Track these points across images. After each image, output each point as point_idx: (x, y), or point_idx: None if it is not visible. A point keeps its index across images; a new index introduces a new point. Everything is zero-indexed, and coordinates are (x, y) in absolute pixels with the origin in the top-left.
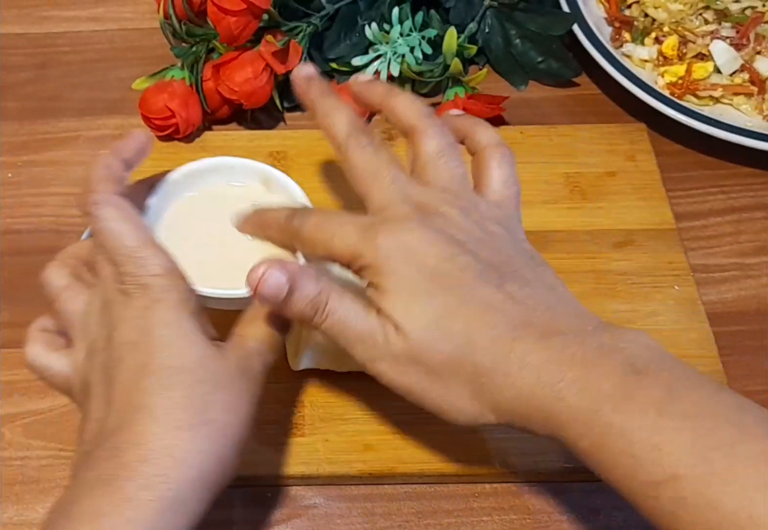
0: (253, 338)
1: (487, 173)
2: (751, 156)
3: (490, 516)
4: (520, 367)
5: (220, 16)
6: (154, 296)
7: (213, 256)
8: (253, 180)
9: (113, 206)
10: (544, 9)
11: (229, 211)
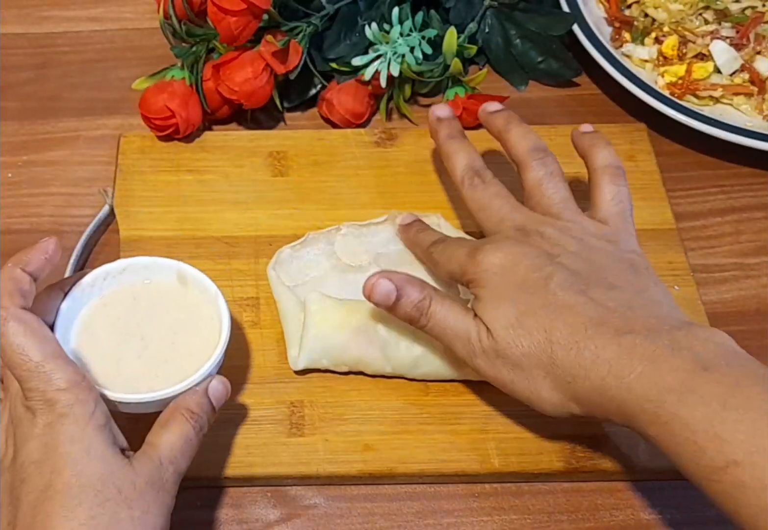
0: (165, 446)
1: (597, 191)
2: (751, 156)
3: (490, 516)
4: (593, 361)
5: (220, 16)
6: (58, 411)
7: (130, 355)
8: (167, 277)
9: (16, 320)
10: (544, 9)
11: (145, 308)
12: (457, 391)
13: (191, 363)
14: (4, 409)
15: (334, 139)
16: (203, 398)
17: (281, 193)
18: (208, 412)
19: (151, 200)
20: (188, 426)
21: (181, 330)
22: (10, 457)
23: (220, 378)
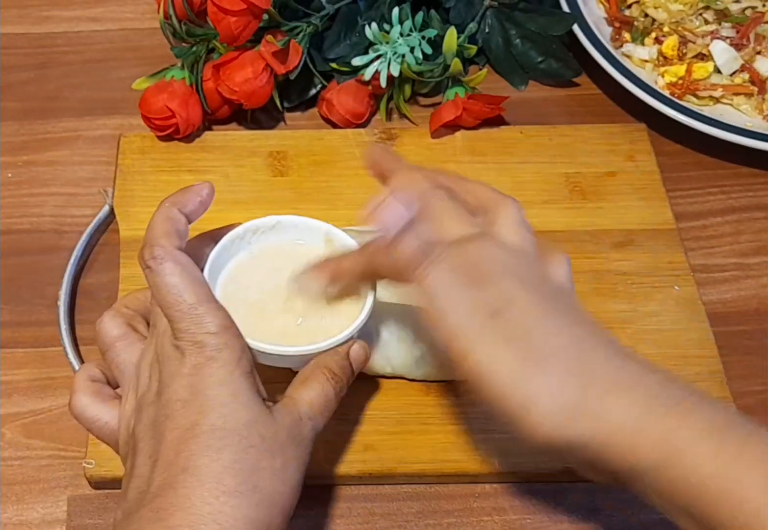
0: (305, 402)
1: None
2: (751, 156)
3: (490, 516)
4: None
5: (220, 16)
6: (207, 354)
7: (272, 312)
8: (315, 239)
9: (173, 261)
10: (544, 9)
11: (290, 268)
12: (458, 391)
13: (335, 323)
14: (150, 344)
15: (334, 139)
16: (344, 360)
17: (281, 193)
18: (348, 374)
19: (151, 200)
20: (329, 385)
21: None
22: (154, 392)
23: (361, 343)
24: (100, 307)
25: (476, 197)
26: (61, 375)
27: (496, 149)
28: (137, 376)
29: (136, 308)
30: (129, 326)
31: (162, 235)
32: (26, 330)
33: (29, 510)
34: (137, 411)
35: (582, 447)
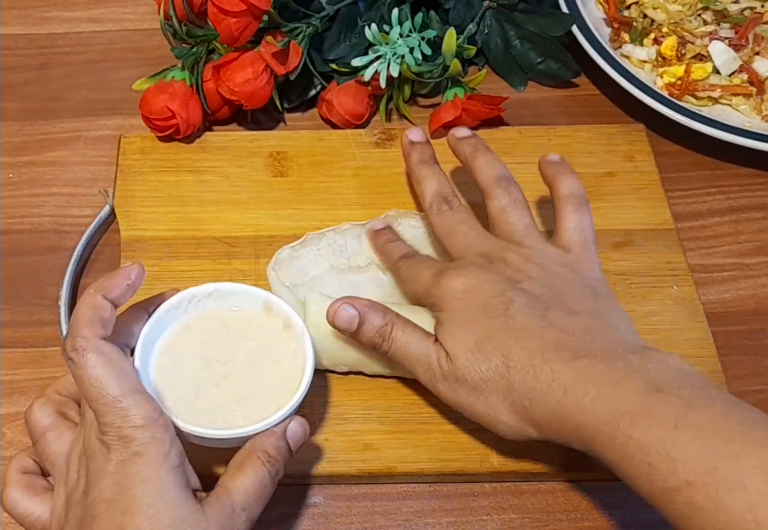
0: (239, 491)
1: (561, 219)
2: (750, 156)
3: (489, 515)
4: (549, 385)
5: (221, 17)
6: (133, 449)
7: (209, 383)
8: (254, 306)
9: (95, 351)
10: (543, 10)
11: (230, 336)
12: None
13: (270, 400)
14: (78, 437)
15: (333, 139)
16: (281, 440)
17: (281, 193)
18: (285, 455)
19: (151, 201)
20: (264, 471)
21: (262, 362)
22: (81, 490)
23: (299, 420)
24: None
25: (479, 186)
26: (61, 375)
27: (496, 149)
28: (67, 469)
29: (68, 393)
30: (59, 414)
31: (85, 324)
32: (26, 330)
33: None
34: (65, 508)
35: (542, 439)
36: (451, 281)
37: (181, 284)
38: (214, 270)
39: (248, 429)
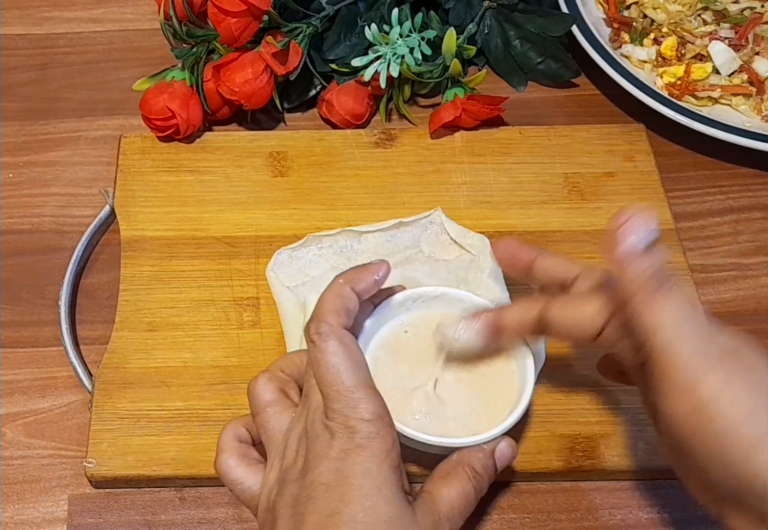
0: (445, 501)
1: None
2: (750, 156)
3: (489, 515)
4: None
5: (221, 17)
6: (358, 441)
7: (424, 387)
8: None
9: (337, 339)
10: (543, 10)
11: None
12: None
13: (484, 415)
14: (300, 417)
15: (333, 139)
16: (489, 459)
17: (281, 193)
18: (491, 474)
19: (151, 201)
20: (470, 486)
21: (481, 375)
22: (299, 469)
23: (509, 441)
24: (100, 307)
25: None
26: (61, 375)
27: (495, 149)
28: (285, 446)
29: (291, 373)
30: (282, 391)
31: (331, 311)
32: (26, 330)
33: (30, 509)
34: (280, 483)
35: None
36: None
37: (181, 284)
38: (214, 270)
39: (461, 440)
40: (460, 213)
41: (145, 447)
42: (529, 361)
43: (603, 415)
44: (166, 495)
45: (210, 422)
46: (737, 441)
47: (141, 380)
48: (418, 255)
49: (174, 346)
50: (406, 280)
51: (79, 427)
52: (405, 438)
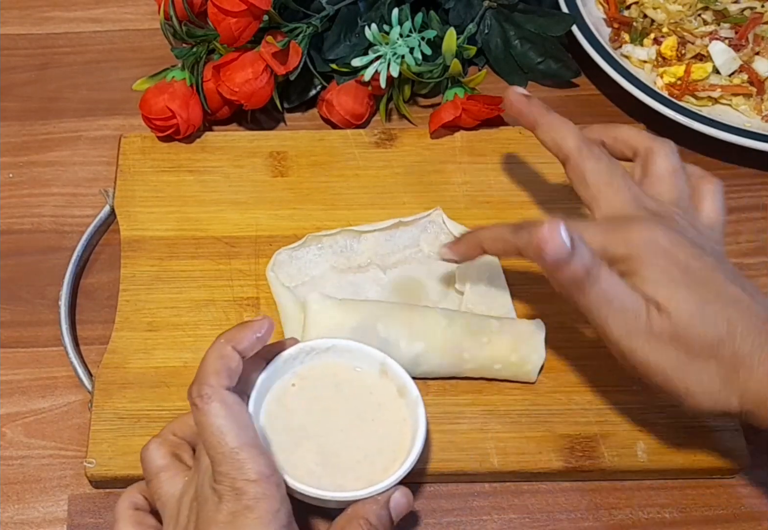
0: None
1: (705, 199)
2: (750, 157)
3: (489, 515)
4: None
5: (221, 17)
6: (245, 502)
7: (317, 439)
8: (371, 367)
9: (220, 401)
10: (543, 10)
11: (344, 394)
12: (456, 391)
13: (378, 463)
14: (192, 481)
15: (333, 139)
16: (384, 510)
17: (281, 193)
18: (386, 526)
19: (151, 201)
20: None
21: (373, 426)
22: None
23: (404, 491)
24: (100, 307)
25: (628, 146)
26: (61, 375)
27: (496, 149)
28: (178, 511)
29: (184, 435)
30: (174, 456)
31: (212, 373)
32: (26, 330)
33: (30, 509)
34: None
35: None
36: (645, 235)
37: (181, 284)
38: (214, 270)
39: (353, 494)
40: (460, 213)
41: None
42: (420, 409)
43: (603, 415)
44: None
45: None
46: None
47: (141, 380)
48: (418, 255)
49: (174, 346)
50: (405, 279)
51: (79, 427)
52: (301, 495)
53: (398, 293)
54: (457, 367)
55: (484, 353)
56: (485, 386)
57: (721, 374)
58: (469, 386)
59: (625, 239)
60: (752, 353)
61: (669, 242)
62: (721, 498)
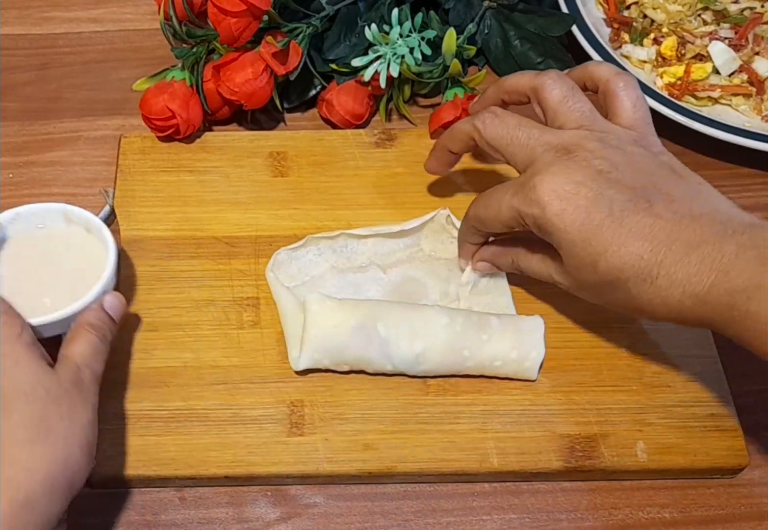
0: (77, 354)
1: (615, 100)
2: (750, 156)
3: (489, 515)
4: (666, 288)
5: (221, 17)
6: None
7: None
8: (56, 219)
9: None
10: (543, 10)
11: (41, 249)
12: (457, 390)
13: (88, 289)
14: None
15: (333, 139)
16: (100, 312)
17: (281, 193)
18: (108, 323)
19: (151, 201)
20: (92, 336)
21: (75, 263)
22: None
23: (113, 294)
24: None
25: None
26: None
27: None
28: None
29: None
30: None
31: None
32: None
33: None
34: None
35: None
36: (543, 195)
37: (181, 284)
38: (214, 270)
39: (66, 310)
40: (460, 213)
41: (145, 447)
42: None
43: (603, 415)
44: (166, 495)
45: (210, 422)
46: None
47: (141, 380)
48: (419, 254)
49: (174, 346)
50: (407, 279)
51: None
52: (41, 328)
53: (398, 292)
54: (458, 365)
55: (484, 351)
56: (485, 385)
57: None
58: (469, 385)
59: (531, 203)
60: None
61: (565, 190)
62: (721, 498)
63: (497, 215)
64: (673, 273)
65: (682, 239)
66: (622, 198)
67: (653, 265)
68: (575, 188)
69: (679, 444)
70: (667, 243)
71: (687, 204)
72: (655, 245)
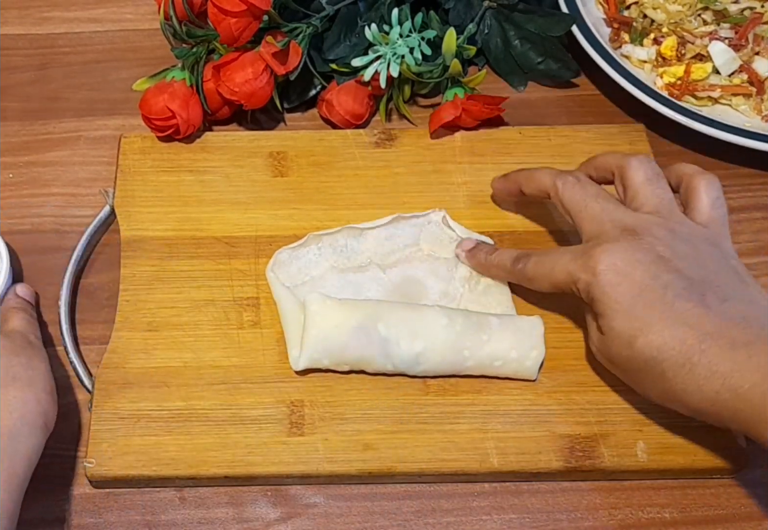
0: (16, 325)
1: (695, 196)
2: (750, 157)
3: (489, 515)
4: (707, 377)
5: (221, 17)
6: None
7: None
8: None
9: None
10: (543, 10)
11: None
12: (457, 390)
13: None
14: None
15: (333, 139)
16: (17, 297)
17: (281, 193)
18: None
19: (151, 201)
20: (22, 313)
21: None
22: None
23: (21, 284)
24: (100, 307)
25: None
26: (61, 375)
27: (496, 149)
28: None
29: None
30: None
31: None
32: None
33: (28, 509)
34: None
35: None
36: (602, 265)
37: (181, 284)
38: (214, 270)
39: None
40: (460, 213)
41: (145, 447)
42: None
43: (603, 415)
44: (166, 495)
45: (210, 422)
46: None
47: (141, 380)
48: (418, 253)
49: (174, 346)
50: (406, 279)
51: (79, 427)
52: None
53: (398, 292)
54: (458, 365)
55: (484, 351)
56: (485, 385)
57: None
58: (469, 386)
59: (587, 268)
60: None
61: (627, 264)
62: (721, 498)
63: (549, 274)
64: (715, 364)
65: (729, 335)
66: (678, 285)
67: (695, 352)
68: (634, 265)
69: (679, 444)
70: (713, 336)
71: (742, 307)
72: (701, 334)
